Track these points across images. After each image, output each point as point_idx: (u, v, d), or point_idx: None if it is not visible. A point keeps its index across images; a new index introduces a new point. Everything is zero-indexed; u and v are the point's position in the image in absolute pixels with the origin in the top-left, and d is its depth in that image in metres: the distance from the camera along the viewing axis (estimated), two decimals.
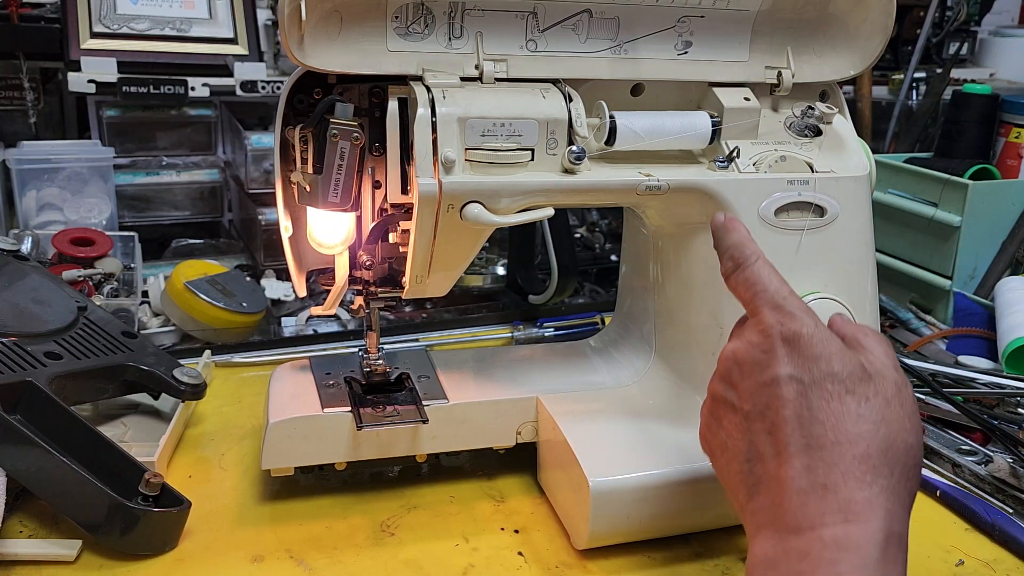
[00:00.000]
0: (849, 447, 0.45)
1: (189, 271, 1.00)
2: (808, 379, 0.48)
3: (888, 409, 0.47)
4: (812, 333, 0.49)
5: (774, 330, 0.50)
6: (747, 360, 0.51)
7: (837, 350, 0.49)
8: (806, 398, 0.47)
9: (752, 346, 0.51)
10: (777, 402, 0.48)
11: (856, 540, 0.43)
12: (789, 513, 0.45)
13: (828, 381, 0.47)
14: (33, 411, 0.67)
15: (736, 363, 0.52)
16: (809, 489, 0.45)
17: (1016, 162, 1.19)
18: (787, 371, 0.48)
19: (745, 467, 0.50)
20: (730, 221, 0.57)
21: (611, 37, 0.67)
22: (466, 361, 0.81)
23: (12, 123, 1.27)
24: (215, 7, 1.27)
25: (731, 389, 0.52)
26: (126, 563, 0.63)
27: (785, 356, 0.49)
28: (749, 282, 0.53)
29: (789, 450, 0.47)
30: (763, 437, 0.49)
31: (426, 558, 0.65)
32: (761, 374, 0.49)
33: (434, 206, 0.61)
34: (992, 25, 1.82)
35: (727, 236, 0.56)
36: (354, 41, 0.61)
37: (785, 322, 0.50)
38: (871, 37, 0.71)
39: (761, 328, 0.51)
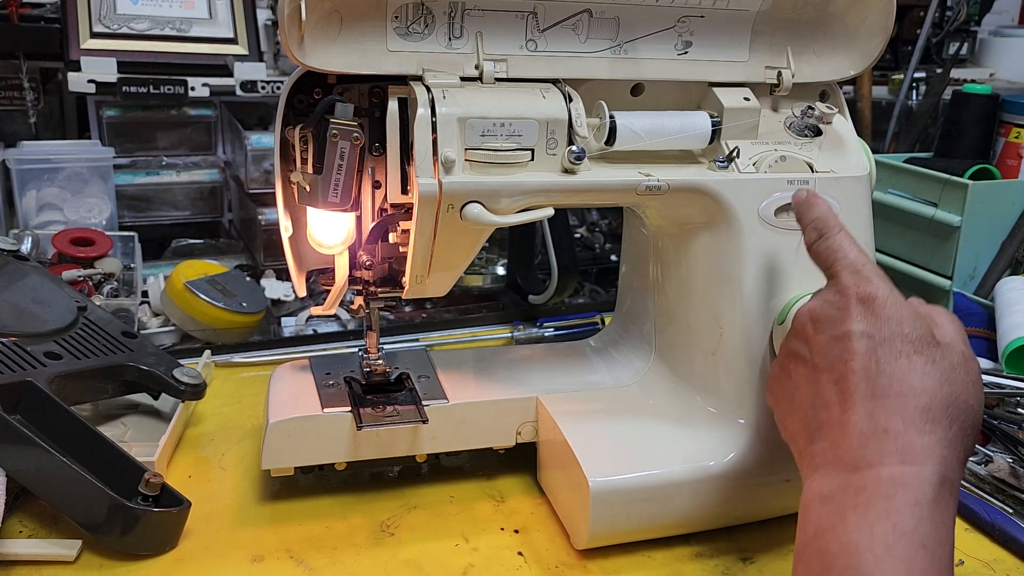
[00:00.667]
0: (912, 399, 0.48)
1: (189, 271, 1.00)
2: (879, 336, 0.50)
3: (953, 373, 0.49)
4: (887, 296, 0.52)
5: (851, 291, 0.53)
6: (822, 316, 0.54)
7: (909, 315, 0.51)
8: (875, 353, 0.50)
9: (828, 304, 0.54)
10: (847, 354, 0.51)
11: (912, 479, 0.45)
12: (849, 453, 0.48)
13: (898, 340, 0.50)
14: (33, 411, 0.67)
15: (811, 319, 0.55)
16: (870, 432, 0.47)
17: (1016, 162, 1.19)
18: (860, 327, 0.51)
19: (809, 414, 0.52)
20: (812, 196, 0.60)
21: (611, 37, 0.67)
22: (466, 361, 0.81)
23: (12, 123, 1.27)
24: (215, 7, 1.27)
25: (804, 344, 0.55)
26: (126, 563, 0.63)
27: (859, 314, 0.52)
28: (831, 249, 0.56)
29: (854, 398, 0.49)
30: (830, 386, 0.51)
31: (426, 558, 0.65)
32: (834, 329, 0.52)
33: (434, 206, 0.61)
34: (992, 25, 1.82)
35: (811, 210, 0.59)
36: (354, 41, 0.61)
37: (862, 284, 0.53)
38: (871, 37, 0.71)
39: (839, 288, 0.54)
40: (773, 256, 0.68)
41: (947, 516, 0.45)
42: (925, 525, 0.44)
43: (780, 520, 0.71)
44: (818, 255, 0.57)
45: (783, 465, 0.68)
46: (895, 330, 0.50)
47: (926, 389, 0.48)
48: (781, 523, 0.70)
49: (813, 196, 0.60)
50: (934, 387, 0.48)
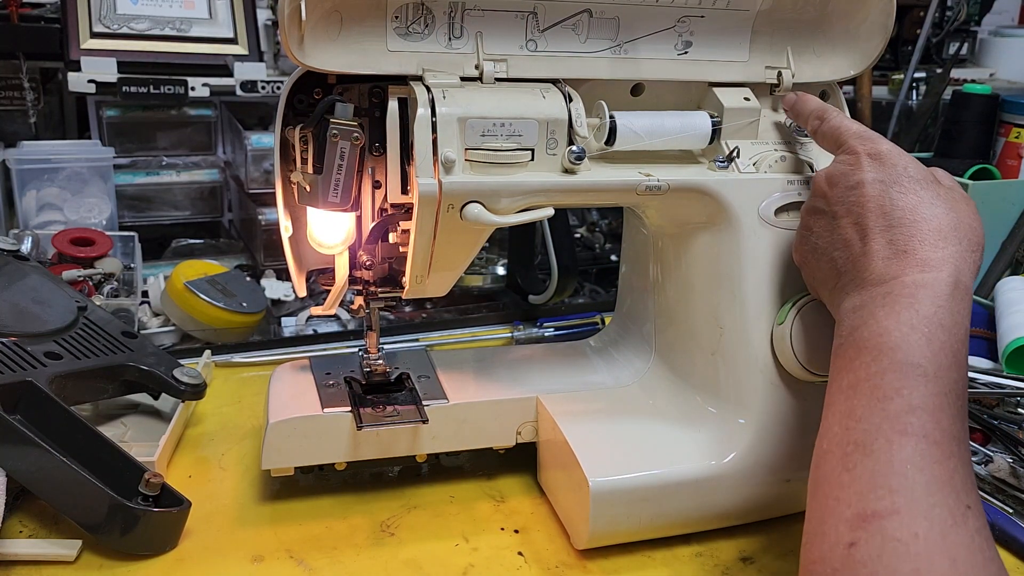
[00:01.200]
0: (924, 223, 0.54)
1: (189, 271, 1.00)
2: (888, 179, 0.56)
3: (955, 203, 0.56)
4: (891, 149, 0.58)
5: (859, 150, 0.59)
6: (837, 173, 0.59)
7: (913, 161, 0.58)
8: (887, 192, 0.56)
9: (840, 163, 0.60)
10: (863, 198, 0.56)
11: (931, 281, 0.51)
12: (874, 273, 0.54)
13: (905, 180, 0.56)
14: (33, 411, 0.67)
15: (827, 178, 0.60)
16: (891, 255, 0.54)
17: (1016, 162, 1.19)
18: (871, 175, 0.57)
19: (834, 255, 0.58)
20: (802, 95, 0.68)
21: (611, 37, 0.67)
22: (466, 361, 0.81)
23: (12, 123, 1.27)
24: (215, 7, 1.27)
25: (821, 199, 0.60)
26: (126, 563, 0.63)
27: (869, 165, 0.57)
28: (834, 128, 0.62)
29: (873, 231, 0.55)
30: (850, 228, 0.57)
31: (426, 558, 0.65)
32: (848, 180, 0.58)
33: (434, 206, 0.61)
34: (992, 25, 1.82)
35: (805, 104, 0.67)
36: (354, 41, 0.61)
37: (869, 144, 0.59)
38: (871, 37, 0.71)
39: (848, 150, 0.60)
40: (773, 256, 0.68)
41: (963, 307, 0.51)
42: (943, 312, 0.50)
43: (780, 520, 0.71)
44: (824, 136, 0.63)
45: (783, 465, 0.68)
46: (902, 173, 0.56)
47: (935, 215, 0.54)
48: (781, 523, 0.70)
49: (803, 95, 0.68)
50: (942, 213, 0.54)
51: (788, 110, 0.69)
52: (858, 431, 0.48)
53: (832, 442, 0.50)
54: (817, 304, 0.66)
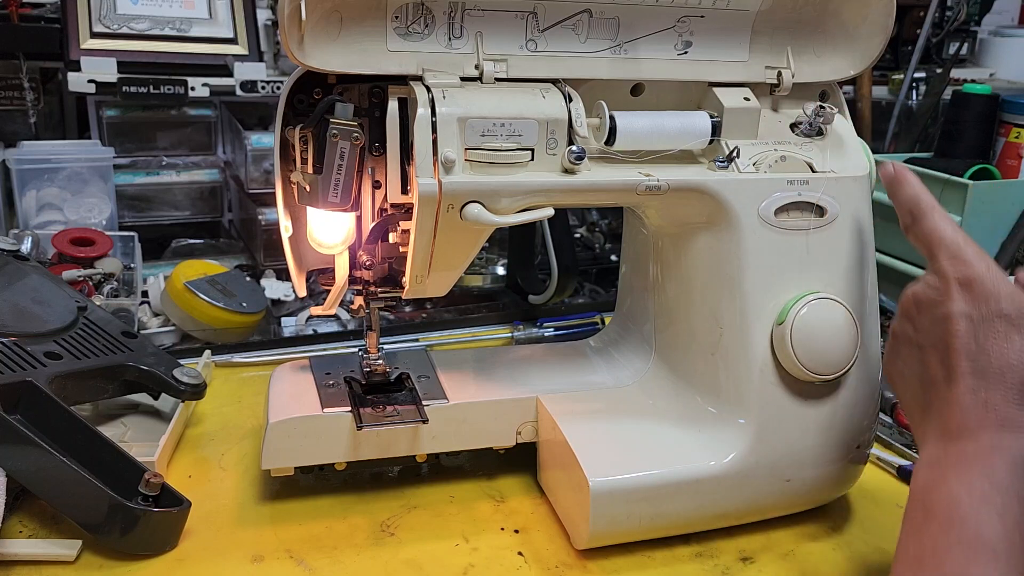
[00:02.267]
0: (1011, 374, 0.51)
1: (189, 271, 1.00)
2: (978, 316, 0.53)
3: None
4: (984, 276, 0.54)
5: (950, 274, 0.55)
6: (924, 299, 0.56)
7: (1008, 291, 0.53)
8: (975, 333, 0.53)
9: (929, 287, 0.56)
10: (949, 335, 0.53)
11: (1010, 443, 0.49)
12: (954, 423, 0.52)
13: (996, 319, 0.52)
14: (33, 411, 0.67)
15: (915, 302, 0.57)
16: (972, 406, 0.51)
17: (1016, 162, 1.19)
18: (960, 308, 0.53)
19: (919, 390, 0.56)
20: (901, 173, 0.61)
21: (611, 37, 0.67)
22: (466, 361, 0.81)
23: (12, 123, 1.27)
24: (215, 7, 1.27)
25: (909, 324, 0.58)
26: (126, 563, 0.63)
27: (959, 296, 0.54)
28: (928, 232, 0.58)
29: (958, 375, 0.53)
30: (936, 365, 0.54)
31: (426, 558, 0.65)
32: (936, 310, 0.55)
33: (434, 206, 0.61)
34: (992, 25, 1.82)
35: (902, 189, 0.61)
36: (354, 41, 0.61)
37: (960, 268, 0.55)
38: (871, 37, 0.71)
39: (939, 272, 0.56)
40: (773, 256, 0.68)
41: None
42: (1020, 482, 0.48)
43: (780, 520, 0.71)
44: (916, 239, 0.60)
45: (783, 465, 0.68)
46: (993, 309, 0.53)
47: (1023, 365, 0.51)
48: (781, 523, 0.70)
49: (903, 172, 0.61)
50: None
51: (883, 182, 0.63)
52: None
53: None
54: (817, 304, 0.66)
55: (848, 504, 0.75)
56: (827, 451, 0.69)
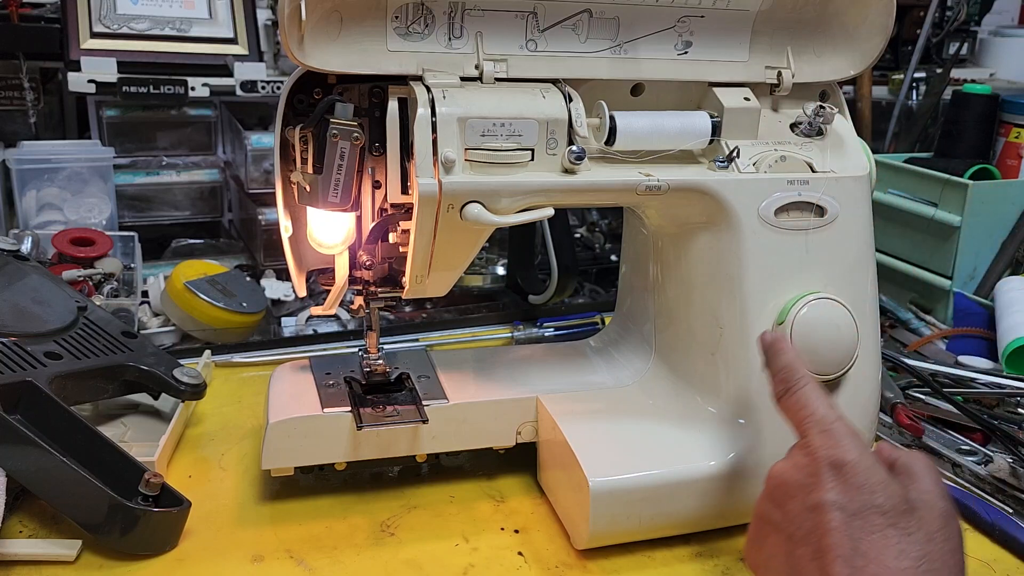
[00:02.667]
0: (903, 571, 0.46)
1: (189, 271, 1.00)
2: (852, 508, 0.49)
3: (930, 545, 0.48)
4: (857, 461, 0.50)
5: (820, 454, 0.51)
6: (793, 482, 0.52)
7: (881, 480, 0.50)
8: (849, 528, 0.48)
9: (798, 468, 0.52)
10: (821, 528, 0.49)
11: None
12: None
13: (872, 513, 0.48)
14: (33, 411, 0.67)
15: (783, 484, 0.53)
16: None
17: (1016, 162, 1.19)
18: (832, 497, 0.49)
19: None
20: (778, 342, 0.59)
21: (611, 37, 0.67)
22: (466, 361, 0.81)
23: (12, 123, 1.27)
24: (215, 7, 1.27)
25: (776, 509, 0.53)
26: (126, 563, 0.63)
27: (831, 482, 0.50)
28: (799, 405, 0.55)
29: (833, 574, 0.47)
30: (807, 562, 0.49)
31: (426, 558, 0.65)
32: (806, 497, 0.50)
33: (434, 206, 0.61)
34: (992, 25, 1.82)
35: (777, 358, 0.59)
36: (354, 41, 0.61)
37: (831, 447, 0.51)
38: (871, 37, 0.71)
39: (808, 451, 0.52)
40: (773, 256, 0.68)
41: None
42: None
43: None
44: (786, 410, 0.57)
45: None
46: (868, 501, 0.49)
47: (903, 570, 0.46)
48: None
49: (780, 341, 0.60)
50: (911, 566, 0.47)
51: (759, 348, 0.61)
52: None
53: None
54: (817, 304, 0.66)
55: None
56: None
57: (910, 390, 0.90)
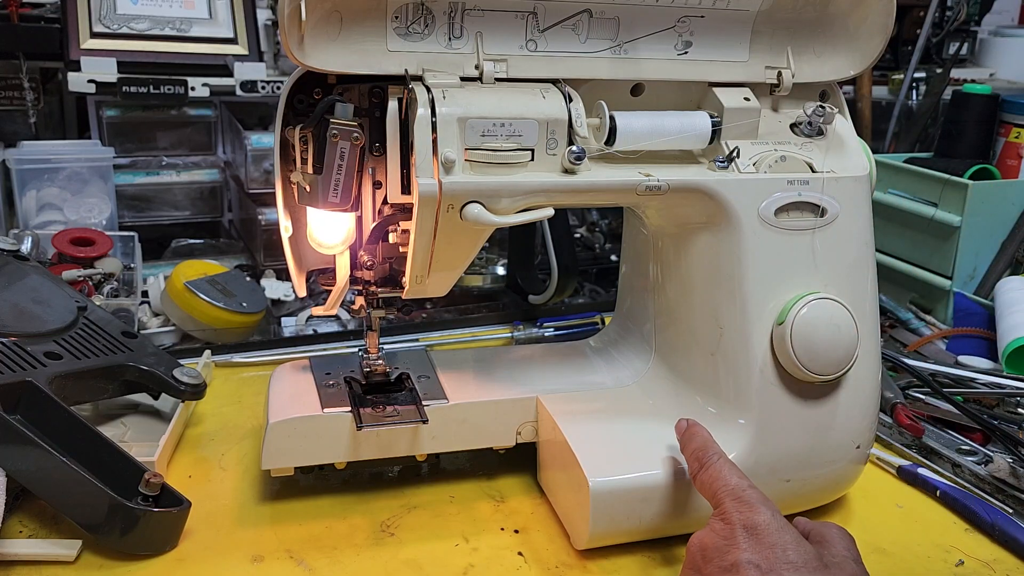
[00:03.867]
0: None
1: (189, 271, 1.00)
2: (766, 566, 0.52)
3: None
4: (769, 522, 0.54)
5: (735, 518, 0.55)
6: (711, 546, 0.55)
7: (793, 539, 0.53)
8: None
9: (715, 534, 0.55)
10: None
11: None
12: None
13: (784, 567, 0.51)
14: (33, 411, 0.67)
15: (701, 550, 0.55)
16: None
17: (1016, 162, 1.19)
18: (747, 556, 0.52)
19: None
20: (692, 427, 0.64)
21: (611, 37, 0.67)
22: (466, 361, 0.81)
23: (12, 123, 1.27)
24: (215, 7, 1.27)
25: (696, 574, 0.55)
26: (126, 563, 0.63)
27: (745, 543, 0.53)
28: (712, 479, 0.59)
29: None
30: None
31: (426, 558, 0.65)
32: (723, 559, 0.53)
33: (434, 206, 0.61)
34: (992, 25, 1.82)
35: (691, 441, 0.63)
36: (354, 41, 0.61)
37: (745, 512, 0.55)
38: (871, 37, 0.71)
39: (724, 518, 0.55)
40: (773, 256, 0.68)
41: None
42: None
43: None
44: (702, 486, 0.60)
45: (783, 465, 0.68)
46: (780, 556, 0.52)
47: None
48: None
49: (694, 426, 0.64)
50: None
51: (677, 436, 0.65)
52: None
53: None
54: (817, 304, 0.66)
55: (848, 504, 0.75)
56: (827, 451, 0.69)
57: (910, 390, 0.90)
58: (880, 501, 0.75)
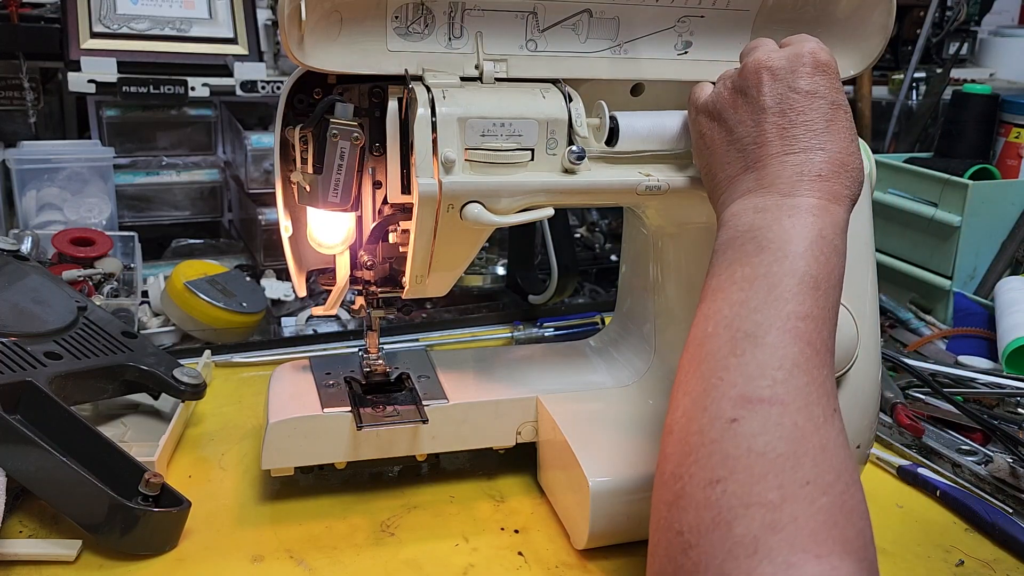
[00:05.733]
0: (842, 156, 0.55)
1: (189, 271, 1.00)
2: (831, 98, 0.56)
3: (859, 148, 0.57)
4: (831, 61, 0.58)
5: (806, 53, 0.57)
6: (780, 69, 0.57)
7: None
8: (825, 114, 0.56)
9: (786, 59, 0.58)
10: (799, 107, 0.56)
11: (833, 211, 0.54)
12: (786, 184, 0.55)
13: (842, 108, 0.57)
14: (33, 411, 0.67)
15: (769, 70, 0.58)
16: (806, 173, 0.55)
17: (1016, 162, 1.19)
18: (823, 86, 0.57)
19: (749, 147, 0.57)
20: None
21: (611, 37, 0.67)
22: (466, 361, 0.81)
23: (12, 123, 1.27)
24: (215, 7, 1.27)
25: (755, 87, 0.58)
26: (126, 563, 0.63)
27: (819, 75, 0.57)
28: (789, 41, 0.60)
29: (799, 144, 0.55)
30: (775, 129, 0.56)
31: (426, 558, 0.65)
32: (792, 82, 0.57)
33: (434, 206, 0.61)
34: (992, 25, 1.82)
35: None
36: (354, 41, 0.61)
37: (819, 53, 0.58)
38: (871, 37, 0.71)
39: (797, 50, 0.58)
40: None
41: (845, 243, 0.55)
42: (838, 240, 0.54)
43: None
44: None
45: None
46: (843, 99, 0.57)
47: (850, 152, 0.56)
48: None
49: None
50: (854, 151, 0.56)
51: None
52: (750, 322, 0.49)
53: (720, 325, 0.51)
54: None
55: None
56: None
57: (910, 390, 0.90)
58: (880, 501, 0.75)
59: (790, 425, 0.45)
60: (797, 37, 0.60)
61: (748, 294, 0.51)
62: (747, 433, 0.45)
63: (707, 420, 0.47)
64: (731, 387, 0.47)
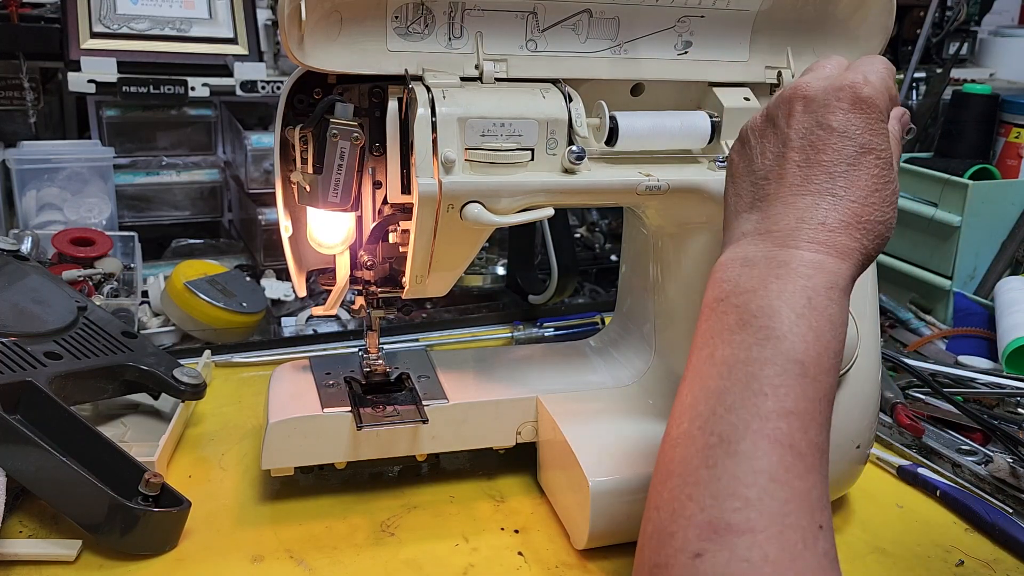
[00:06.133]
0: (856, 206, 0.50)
1: (189, 271, 1.00)
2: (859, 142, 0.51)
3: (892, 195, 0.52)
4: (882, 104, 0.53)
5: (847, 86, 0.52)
6: (815, 99, 0.53)
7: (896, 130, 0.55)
8: (848, 156, 0.51)
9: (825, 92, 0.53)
10: (822, 145, 0.52)
11: (831, 268, 0.49)
12: (782, 231, 0.51)
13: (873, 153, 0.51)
14: (33, 411, 0.67)
15: (803, 98, 0.54)
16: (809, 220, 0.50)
17: (1016, 162, 1.19)
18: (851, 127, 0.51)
19: (761, 181, 0.54)
20: None
21: (611, 37, 0.67)
22: (466, 361, 0.81)
23: (12, 123, 1.27)
24: (215, 7, 1.27)
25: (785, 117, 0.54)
26: (126, 563, 0.63)
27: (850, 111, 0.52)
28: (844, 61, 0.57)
29: (810, 186, 0.51)
30: (792, 166, 0.52)
31: (426, 558, 0.65)
32: (823, 116, 0.52)
33: (434, 206, 0.61)
34: (992, 25, 1.82)
35: None
36: (354, 41, 0.61)
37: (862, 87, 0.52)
38: (871, 37, 0.71)
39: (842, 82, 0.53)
40: None
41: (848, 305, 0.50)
42: (834, 307, 0.48)
43: None
44: None
45: None
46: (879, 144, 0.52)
47: (870, 203, 0.51)
48: None
49: None
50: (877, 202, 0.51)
51: None
52: (726, 423, 0.45)
53: (695, 424, 0.46)
54: None
55: (848, 504, 0.75)
56: None
57: (910, 390, 0.90)
58: (880, 501, 0.75)
59: (759, 559, 0.41)
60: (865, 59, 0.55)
61: (727, 383, 0.47)
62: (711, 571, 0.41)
63: (671, 552, 0.43)
64: (699, 509, 0.43)
